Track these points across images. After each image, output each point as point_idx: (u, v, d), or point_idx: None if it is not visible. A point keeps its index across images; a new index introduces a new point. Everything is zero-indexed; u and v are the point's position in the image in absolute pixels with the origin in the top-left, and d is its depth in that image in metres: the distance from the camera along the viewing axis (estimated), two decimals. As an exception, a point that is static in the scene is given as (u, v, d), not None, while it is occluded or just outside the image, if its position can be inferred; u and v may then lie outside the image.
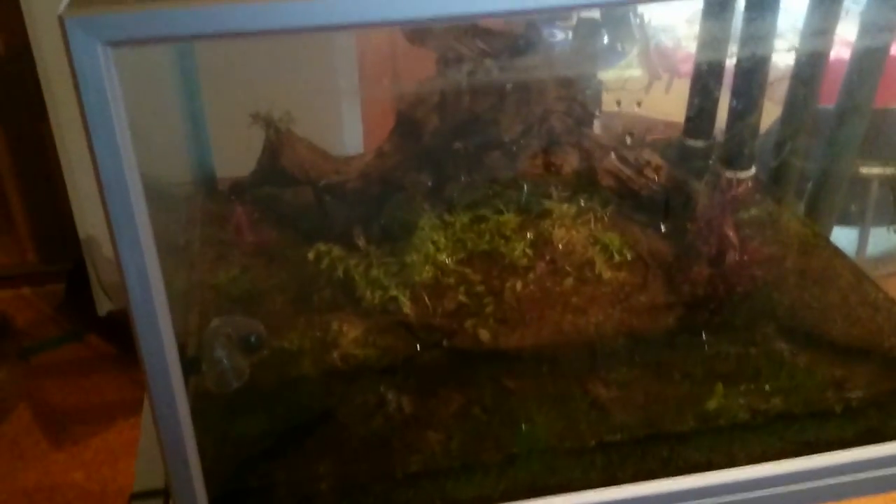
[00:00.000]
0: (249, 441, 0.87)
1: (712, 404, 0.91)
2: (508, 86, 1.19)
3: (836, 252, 1.17)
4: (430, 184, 1.19)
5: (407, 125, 1.19)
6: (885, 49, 1.15)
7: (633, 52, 1.56)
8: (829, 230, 1.27)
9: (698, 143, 1.37)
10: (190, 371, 0.87)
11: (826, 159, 1.25)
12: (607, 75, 1.49)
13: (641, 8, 1.49)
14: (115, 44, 0.55)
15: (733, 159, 1.28)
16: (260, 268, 1.15)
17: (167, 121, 1.28)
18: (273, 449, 0.86)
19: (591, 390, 0.93)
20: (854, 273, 1.13)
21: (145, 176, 1.21)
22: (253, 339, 0.90)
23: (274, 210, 1.26)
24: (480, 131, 1.20)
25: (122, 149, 0.60)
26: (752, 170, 1.30)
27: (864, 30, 1.14)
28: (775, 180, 1.33)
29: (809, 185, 1.28)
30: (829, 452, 0.92)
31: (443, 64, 1.18)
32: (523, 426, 0.88)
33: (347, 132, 1.93)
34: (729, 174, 1.30)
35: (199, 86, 1.30)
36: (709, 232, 1.07)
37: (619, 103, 1.36)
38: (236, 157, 1.36)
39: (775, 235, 1.20)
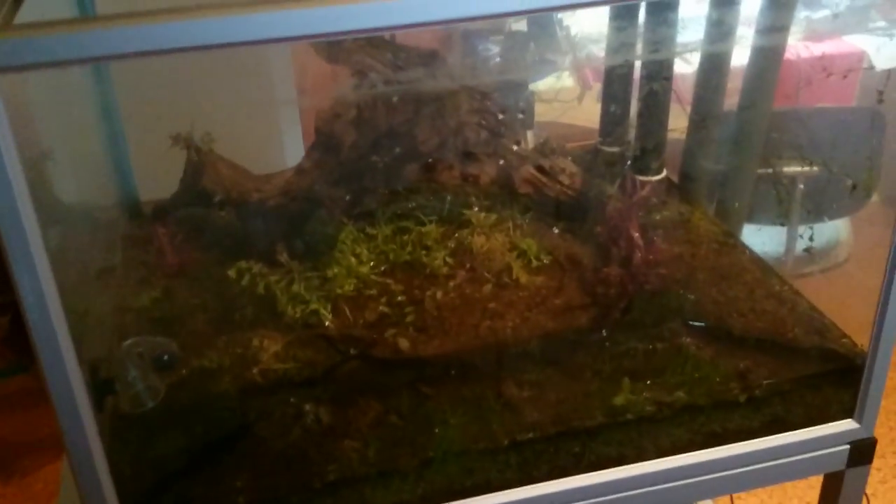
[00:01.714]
0: (166, 460, 0.87)
1: (620, 399, 0.94)
2: (423, 99, 1.21)
3: (744, 250, 1.22)
4: (350, 198, 1.22)
5: (325, 140, 1.21)
6: (779, 50, 1.20)
7: (565, 63, 1.60)
8: (739, 228, 1.31)
9: (613, 149, 1.42)
10: (104, 392, 0.87)
11: (732, 160, 1.30)
12: (539, 86, 1.54)
13: (569, 20, 1.53)
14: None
15: (643, 164, 1.32)
16: (182, 288, 1.15)
17: (86, 144, 1.28)
18: (190, 466, 0.86)
19: (505, 392, 0.96)
20: (761, 269, 1.17)
21: (66, 199, 1.22)
22: (166, 357, 0.91)
23: (197, 231, 1.27)
24: (398, 144, 1.22)
25: (13, 180, 0.61)
26: (663, 173, 1.35)
27: (761, 31, 1.19)
28: (687, 183, 1.38)
29: (718, 187, 1.33)
30: (735, 443, 0.96)
31: (357, 78, 1.20)
32: (437, 430, 0.90)
33: (288, 146, 1.95)
34: (641, 178, 1.34)
35: (117, 107, 1.31)
36: (616, 234, 1.10)
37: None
38: (162, 179, 1.37)
39: (685, 235, 1.24)
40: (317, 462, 0.88)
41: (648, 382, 0.96)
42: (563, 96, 1.50)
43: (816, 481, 1.07)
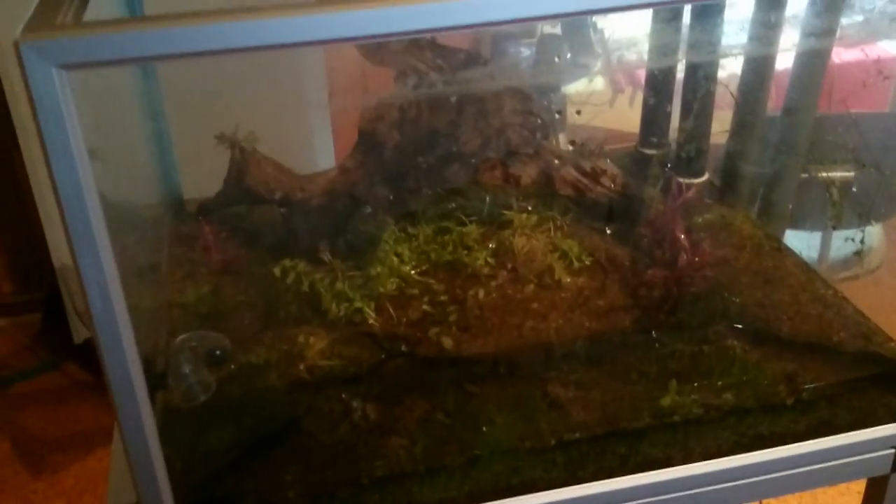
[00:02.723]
0: (218, 453, 0.89)
1: (667, 401, 0.94)
2: (466, 100, 1.22)
3: (788, 253, 1.21)
4: (392, 197, 1.22)
5: (368, 141, 1.22)
6: (825, 53, 1.19)
7: (597, 67, 1.61)
8: (782, 232, 1.30)
9: (652, 152, 1.42)
10: (157, 386, 0.89)
11: (775, 164, 1.30)
12: (572, 89, 1.54)
13: (602, 23, 1.53)
14: (69, 67, 0.58)
15: (685, 166, 1.32)
16: (228, 285, 1.17)
17: (133, 143, 1.30)
18: (240, 460, 0.87)
19: (550, 391, 0.96)
20: (805, 272, 1.17)
21: (112, 198, 1.24)
22: (218, 352, 0.92)
23: (241, 229, 1.28)
24: (440, 145, 1.23)
25: (81, 171, 0.62)
26: (705, 176, 1.34)
27: (806, 35, 1.19)
28: (730, 186, 1.37)
29: (761, 190, 1.32)
30: (781, 446, 0.96)
31: (401, 80, 1.21)
32: (484, 428, 0.91)
33: (319, 148, 1.97)
34: (682, 181, 1.34)
35: (163, 107, 1.32)
36: (660, 236, 1.10)
37: (578, 112, 1.40)
38: (205, 178, 1.39)
39: (729, 238, 1.24)
40: (364, 458, 0.88)
41: (695, 384, 0.95)
42: (595, 100, 1.50)
43: (846, 488, 1.07)
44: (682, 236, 1.06)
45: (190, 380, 0.89)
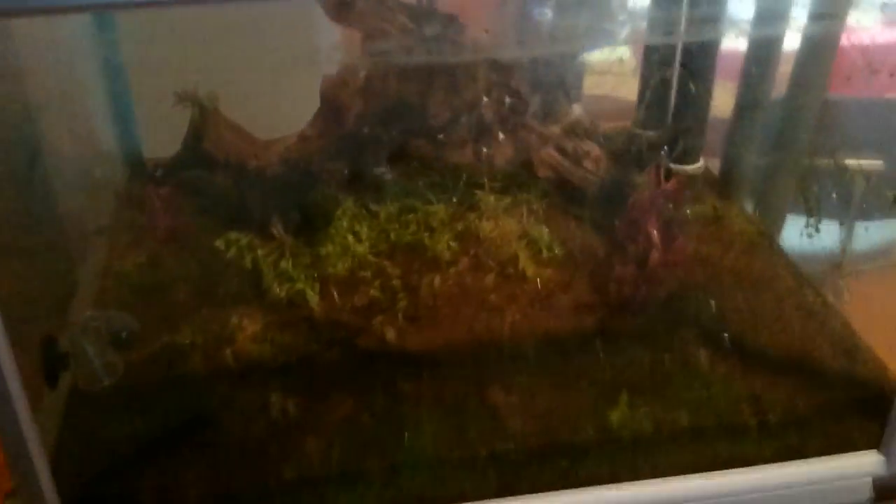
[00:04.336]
0: (117, 444, 0.82)
1: (616, 414, 0.85)
2: (438, 70, 1.13)
3: (779, 253, 1.11)
4: (352, 171, 1.14)
5: (330, 108, 1.14)
6: (834, 37, 1.08)
7: (622, 35, 1.49)
8: (779, 228, 1.20)
9: (647, 133, 1.31)
10: (59, 366, 0.82)
11: (775, 152, 1.19)
12: (593, 57, 1.43)
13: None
14: None
15: (678, 151, 1.22)
16: (170, 255, 1.10)
17: (86, 98, 1.22)
18: (141, 453, 0.81)
19: (490, 396, 0.88)
20: (794, 276, 1.07)
21: (58, 151, 1.16)
22: (124, 334, 0.85)
23: (196, 194, 1.21)
24: (408, 117, 1.14)
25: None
26: (700, 163, 1.24)
27: (814, 17, 1.07)
28: (727, 175, 1.27)
29: (759, 181, 1.21)
30: (742, 468, 0.87)
31: (367, 42, 1.12)
32: (407, 435, 0.83)
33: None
34: (674, 167, 1.24)
35: (122, 61, 1.24)
36: (635, 229, 1.01)
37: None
38: (170, 138, 1.31)
39: (716, 234, 1.14)
40: (276, 459, 0.81)
41: (649, 397, 0.87)
42: (619, 69, 1.39)
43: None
44: (654, 231, 0.96)
45: (94, 362, 0.82)
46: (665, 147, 1.26)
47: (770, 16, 1.13)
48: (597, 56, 1.42)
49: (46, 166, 1.10)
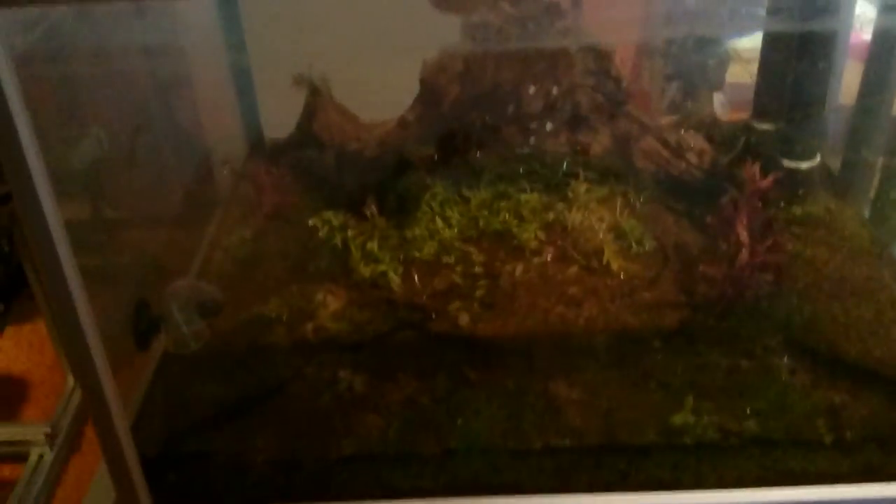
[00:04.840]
0: (196, 406, 0.88)
1: (679, 419, 0.83)
2: (536, 57, 1.12)
3: (892, 262, 1.03)
4: (446, 156, 1.16)
5: (429, 93, 1.16)
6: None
7: (773, 21, 1.42)
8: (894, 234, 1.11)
9: (766, 127, 1.24)
10: (151, 330, 0.89)
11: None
12: (742, 43, 1.37)
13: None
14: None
15: (794, 147, 1.15)
16: (272, 231, 1.16)
17: (209, 78, 1.30)
18: (217, 417, 0.87)
19: (552, 389, 0.88)
20: (906, 286, 0.99)
21: (181, 133, 1.25)
22: (210, 304, 0.91)
23: (305, 174, 1.26)
24: (505, 103, 1.14)
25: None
26: (816, 159, 1.17)
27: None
28: (846, 173, 1.19)
29: (877, 182, 1.13)
30: (815, 485, 0.82)
31: (468, 30, 1.13)
32: (466, 421, 0.84)
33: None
34: (788, 163, 1.17)
35: (245, 43, 1.30)
36: (727, 227, 0.97)
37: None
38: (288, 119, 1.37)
39: (825, 237, 1.07)
40: (338, 433, 0.85)
41: (719, 404, 0.83)
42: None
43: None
44: (743, 230, 0.92)
45: (182, 327, 0.89)
46: (779, 141, 1.19)
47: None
48: (745, 43, 1.36)
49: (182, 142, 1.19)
